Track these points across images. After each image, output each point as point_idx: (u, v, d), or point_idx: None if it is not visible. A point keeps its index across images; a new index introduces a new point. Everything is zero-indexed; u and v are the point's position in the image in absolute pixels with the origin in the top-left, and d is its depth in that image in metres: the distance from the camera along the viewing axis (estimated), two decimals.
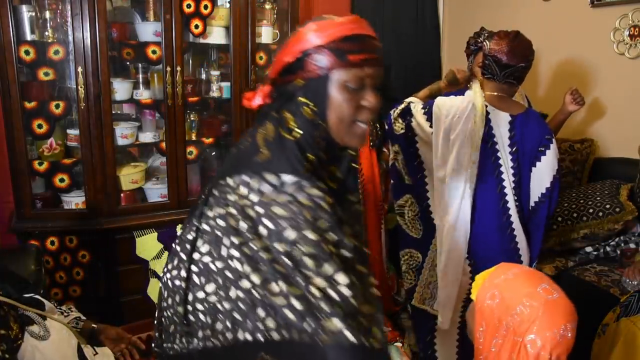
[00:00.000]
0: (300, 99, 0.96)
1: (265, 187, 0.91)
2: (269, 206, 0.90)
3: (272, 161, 0.94)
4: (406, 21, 3.52)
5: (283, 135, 0.96)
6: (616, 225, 2.33)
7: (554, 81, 3.05)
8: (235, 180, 0.95)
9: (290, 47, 0.97)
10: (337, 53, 0.92)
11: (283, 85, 0.99)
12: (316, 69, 0.93)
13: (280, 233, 0.88)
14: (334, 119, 0.96)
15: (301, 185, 0.91)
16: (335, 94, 0.94)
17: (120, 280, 2.51)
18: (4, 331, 1.27)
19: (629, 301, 1.47)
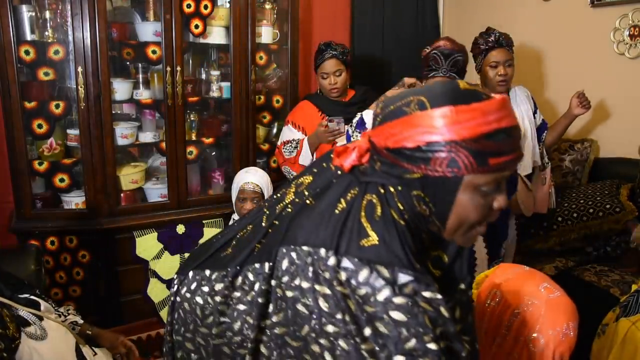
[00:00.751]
0: (417, 193, 0.80)
1: (379, 282, 0.76)
2: (385, 309, 0.76)
3: (382, 249, 0.78)
4: (406, 21, 3.52)
5: (393, 216, 0.81)
6: (616, 225, 2.33)
7: (554, 81, 3.05)
8: (331, 258, 0.79)
9: (413, 129, 0.77)
10: (476, 155, 0.74)
11: (392, 165, 0.81)
12: (445, 170, 0.76)
13: (401, 342, 0.75)
14: (454, 224, 0.81)
15: (418, 287, 0.77)
16: (465, 199, 0.78)
17: (120, 280, 2.51)
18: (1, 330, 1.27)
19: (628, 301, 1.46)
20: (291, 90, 2.86)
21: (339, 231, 0.81)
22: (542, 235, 2.50)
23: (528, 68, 3.19)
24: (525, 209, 2.35)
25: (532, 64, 3.16)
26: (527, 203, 2.35)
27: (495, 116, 0.75)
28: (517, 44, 3.24)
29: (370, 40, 3.42)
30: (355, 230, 0.80)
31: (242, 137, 2.71)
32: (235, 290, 0.95)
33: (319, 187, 0.92)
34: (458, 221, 0.80)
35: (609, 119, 2.81)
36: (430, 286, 0.78)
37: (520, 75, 3.24)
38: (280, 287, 0.86)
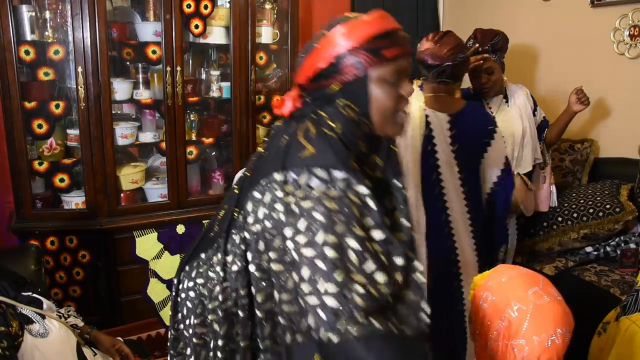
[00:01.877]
0: (341, 102, 0.98)
1: (314, 182, 0.92)
2: (319, 200, 0.90)
3: (318, 156, 0.94)
4: (406, 21, 3.52)
5: (325, 132, 0.97)
6: (616, 225, 2.33)
7: (554, 81, 3.05)
8: (281, 176, 0.95)
9: (322, 53, 0.97)
10: (372, 52, 0.94)
11: (316, 90, 1.00)
12: (353, 71, 0.95)
13: (332, 226, 0.88)
14: (377, 115, 0.98)
15: (350, 182, 0.92)
16: (376, 91, 0.97)
17: (120, 280, 2.51)
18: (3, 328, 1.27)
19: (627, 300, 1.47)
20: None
21: (283, 154, 0.97)
22: (542, 235, 2.51)
23: (528, 68, 3.19)
24: (526, 208, 2.35)
25: (532, 63, 3.16)
26: (528, 202, 2.35)
27: (379, 22, 0.97)
28: (517, 44, 3.24)
29: None
30: (295, 148, 0.96)
31: (242, 137, 2.71)
32: (227, 255, 1.05)
33: (270, 141, 1.08)
34: (379, 113, 0.98)
35: (609, 119, 2.81)
36: (361, 182, 0.93)
37: (521, 75, 3.24)
38: (250, 227, 0.99)
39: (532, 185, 2.37)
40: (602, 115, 2.84)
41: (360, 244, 0.89)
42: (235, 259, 1.03)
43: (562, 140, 2.88)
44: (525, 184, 2.32)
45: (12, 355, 1.27)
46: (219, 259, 1.06)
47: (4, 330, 1.27)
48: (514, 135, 2.32)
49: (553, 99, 3.06)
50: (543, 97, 3.12)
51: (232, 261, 1.04)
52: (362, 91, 0.96)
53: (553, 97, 3.06)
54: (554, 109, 3.06)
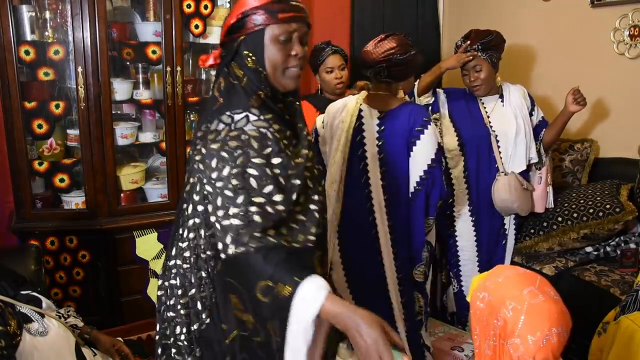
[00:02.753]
0: (244, 52, 1.16)
1: (220, 126, 1.12)
2: (224, 140, 1.09)
3: (225, 104, 1.15)
4: (406, 21, 3.52)
5: (232, 82, 1.17)
6: (616, 226, 2.33)
7: (554, 81, 3.05)
8: (202, 128, 1.15)
9: (233, 11, 1.18)
10: (269, 12, 1.13)
11: (229, 43, 1.19)
12: (254, 26, 1.14)
13: (234, 160, 1.07)
14: (269, 66, 1.16)
15: (248, 118, 1.12)
16: (269, 46, 1.15)
17: (120, 280, 2.51)
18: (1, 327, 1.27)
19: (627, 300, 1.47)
20: None
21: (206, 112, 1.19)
22: (542, 235, 2.50)
23: (528, 68, 3.19)
24: (520, 207, 2.34)
25: (532, 63, 3.16)
26: (522, 202, 2.33)
27: None
28: (517, 44, 3.24)
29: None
30: (212, 102, 1.18)
31: None
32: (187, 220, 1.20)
33: None
34: (271, 64, 1.16)
35: (609, 119, 2.81)
36: (261, 116, 1.13)
37: (521, 75, 3.24)
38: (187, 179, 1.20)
39: (528, 185, 2.36)
40: (602, 115, 2.84)
41: (258, 170, 1.07)
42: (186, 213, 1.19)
43: (562, 140, 2.88)
44: (520, 184, 2.31)
45: (10, 354, 1.27)
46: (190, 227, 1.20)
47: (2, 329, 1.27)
48: (507, 134, 2.34)
49: (553, 98, 3.06)
50: (543, 97, 3.12)
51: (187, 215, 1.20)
52: (259, 43, 1.15)
53: (553, 97, 3.06)
54: (554, 109, 3.06)
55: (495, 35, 2.33)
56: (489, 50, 2.30)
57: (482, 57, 2.30)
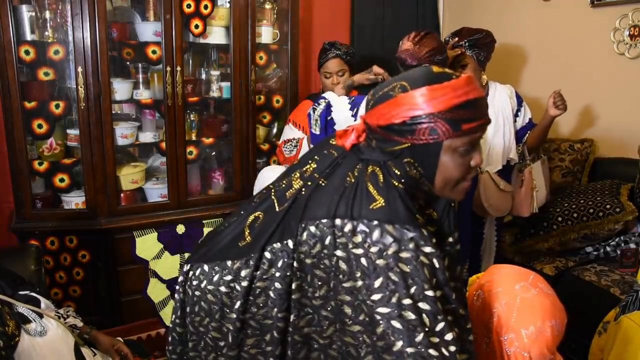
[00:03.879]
0: (407, 160, 0.97)
1: (387, 239, 0.92)
2: (396, 259, 0.92)
3: (388, 210, 0.94)
4: (406, 21, 3.52)
5: (392, 182, 0.97)
6: (616, 226, 2.33)
7: (554, 81, 3.05)
8: (349, 225, 0.95)
9: (399, 108, 0.94)
10: (451, 123, 0.91)
11: (384, 139, 0.98)
12: (429, 137, 0.93)
13: (407, 288, 0.91)
14: (441, 182, 0.98)
15: (418, 242, 0.93)
16: (446, 160, 0.95)
17: (120, 280, 2.51)
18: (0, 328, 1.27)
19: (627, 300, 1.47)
20: (291, 90, 2.86)
21: (352, 200, 0.97)
22: (542, 235, 2.50)
23: (528, 68, 3.19)
24: (492, 207, 2.28)
25: (532, 63, 3.16)
26: (495, 202, 2.28)
27: (464, 90, 0.92)
28: (517, 43, 3.24)
29: (370, 40, 3.43)
30: (365, 196, 0.96)
31: (242, 137, 2.71)
32: (257, 270, 1.06)
33: (327, 169, 1.06)
34: (443, 179, 0.97)
35: (609, 119, 2.81)
36: (429, 241, 0.94)
37: (520, 75, 3.24)
38: (300, 257, 1.00)
39: (506, 186, 2.32)
40: (602, 115, 2.84)
41: (432, 306, 0.91)
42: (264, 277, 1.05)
43: (562, 140, 2.88)
44: (494, 184, 2.28)
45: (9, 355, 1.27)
46: (247, 274, 1.07)
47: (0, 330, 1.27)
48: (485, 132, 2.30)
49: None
50: (542, 97, 3.12)
51: (258, 277, 1.06)
52: (432, 157, 0.95)
53: None
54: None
55: (485, 34, 2.32)
56: (476, 48, 2.29)
57: (468, 54, 2.29)
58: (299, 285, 1.01)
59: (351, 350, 0.97)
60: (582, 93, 2.90)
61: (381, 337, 0.92)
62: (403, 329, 0.90)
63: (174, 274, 2.59)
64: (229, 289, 1.10)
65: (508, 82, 2.52)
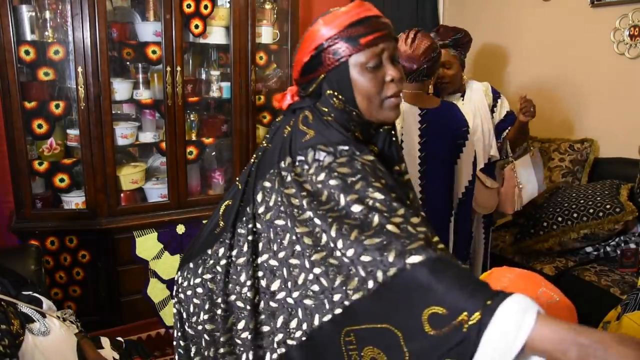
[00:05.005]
0: (328, 92, 1.00)
1: (321, 155, 0.93)
2: (331, 170, 0.91)
3: (320, 136, 0.96)
4: (406, 21, 3.52)
5: (322, 118, 1.00)
6: (616, 226, 2.33)
7: (554, 81, 3.05)
8: (288, 161, 0.96)
9: (305, 47, 1.01)
10: (349, 40, 0.96)
11: (307, 83, 1.03)
12: (334, 60, 0.97)
13: (350, 186, 0.88)
14: (363, 102, 0.99)
15: (354, 152, 0.93)
16: (358, 77, 0.97)
17: (120, 280, 2.51)
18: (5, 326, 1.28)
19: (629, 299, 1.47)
20: None
21: (289, 144, 0.99)
22: (542, 235, 2.50)
23: (527, 68, 3.19)
24: (479, 206, 2.27)
25: (532, 63, 3.16)
26: (481, 200, 2.26)
27: (356, 11, 0.98)
28: (517, 43, 3.24)
29: None
30: (298, 135, 0.99)
31: (242, 137, 2.71)
32: (232, 249, 1.04)
33: (270, 135, 1.09)
34: (363, 99, 0.99)
35: (609, 119, 2.81)
36: (365, 151, 0.95)
37: (520, 75, 3.24)
38: (260, 217, 0.99)
39: (492, 183, 2.31)
40: (602, 115, 2.84)
41: (383, 193, 0.87)
42: (241, 252, 1.02)
43: (562, 140, 2.89)
44: (481, 182, 2.27)
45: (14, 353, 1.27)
46: (224, 252, 1.06)
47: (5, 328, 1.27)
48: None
49: (553, 98, 3.06)
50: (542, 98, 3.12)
51: (237, 254, 1.04)
52: (344, 79, 0.98)
53: (553, 97, 3.06)
54: (553, 109, 3.07)
55: (464, 33, 2.32)
56: (459, 47, 2.28)
57: (452, 54, 2.28)
58: (264, 247, 0.97)
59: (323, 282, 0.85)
60: (582, 93, 2.90)
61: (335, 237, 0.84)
62: (356, 223, 0.84)
63: (174, 274, 2.57)
64: (212, 273, 1.08)
65: (508, 82, 2.53)
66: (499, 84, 3.32)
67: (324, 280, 0.86)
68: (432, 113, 1.85)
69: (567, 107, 3.00)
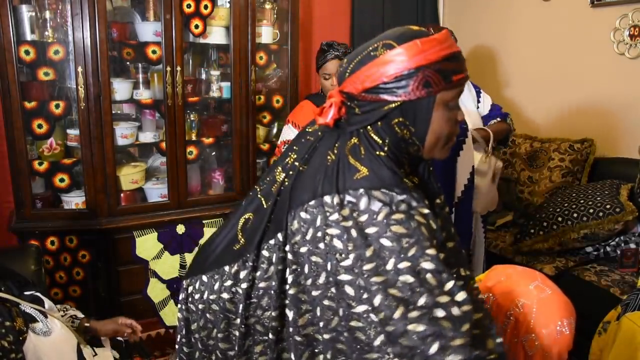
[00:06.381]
0: (397, 120, 0.93)
1: (376, 205, 0.87)
2: (386, 224, 0.86)
3: (374, 177, 0.90)
4: (406, 21, 3.52)
5: (374, 152, 0.93)
6: (616, 226, 2.33)
7: (554, 81, 3.05)
8: (336, 199, 0.90)
9: (388, 66, 0.91)
10: (443, 75, 0.90)
11: (370, 103, 0.94)
12: (420, 91, 0.90)
13: (403, 251, 0.85)
14: (432, 139, 0.95)
15: (411, 203, 0.89)
16: (438, 115, 0.93)
17: (120, 280, 2.51)
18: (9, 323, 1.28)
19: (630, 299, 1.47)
20: (291, 90, 2.85)
21: (335, 176, 0.92)
22: (542, 235, 2.50)
23: (527, 68, 3.19)
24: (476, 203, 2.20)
25: (532, 63, 3.16)
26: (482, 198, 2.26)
27: (448, 43, 0.92)
28: (517, 43, 3.24)
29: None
30: (347, 169, 0.92)
31: (242, 137, 2.71)
32: (256, 271, 1.02)
33: (305, 154, 1.02)
34: (434, 137, 0.95)
35: (609, 119, 2.81)
36: (421, 202, 0.90)
37: (520, 75, 3.24)
38: (294, 247, 0.95)
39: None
40: (602, 115, 2.84)
41: (437, 264, 0.84)
42: (265, 276, 1.00)
43: (562, 140, 2.89)
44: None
45: (18, 349, 1.28)
46: (246, 275, 1.03)
47: (10, 325, 1.28)
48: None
49: (552, 99, 3.06)
50: (541, 98, 3.12)
51: (260, 276, 1.01)
52: (424, 113, 0.92)
53: (553, 97, 3.06)
54: (552, 109, 3.07)
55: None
56: None
57: None
58: (295, 279, 0.94)
59: (359, 336, 0.86)
60: (582, 93, 2.90)
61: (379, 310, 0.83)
62: (402, 295, 0.83)
63: (174, 274, 2.59)
64: (231, 294, 1.05)
65: (508, 82, 2.52)
66: (498, 84, 3.32)
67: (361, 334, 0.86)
68: None
69: (567, 107, 2.99)
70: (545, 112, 3.13)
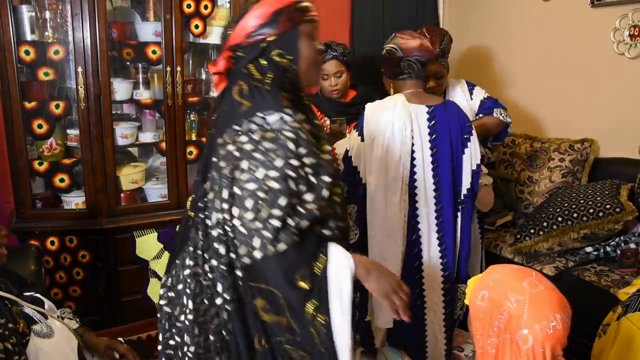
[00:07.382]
0: (274, 51, 1.16)
1: (252, 126, 1.10)
2: (258, 141, 1.09)
3: (254, 107, 1.13)
4: (406, 21, 3.52)
5: (255, 85, 1.16)
6: (616, 226, 2.33)
7: (554, 81, 3.05)
8: (225, 135, 1.13)
9: (262, 11, 1.16)
10: (300, 11, 1.18)
11: (252, 44, 1.17)
12: (288, 24, 1.16)
13: (271, 162, 1.07)
14: (305, 63, 1.20)
15: (283, 119, 1.11)
16: (304, 42, 1.19)
17: (120, 280, 2.51)
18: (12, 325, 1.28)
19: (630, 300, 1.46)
20: None
21: (228, 117, 1.16)
22: (542, 235, 2.50)
23: (527, 68, 3.19)
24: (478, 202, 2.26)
25: (532, 64, 3.16)
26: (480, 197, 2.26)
27: None
28: (517, 43, 3.24)
29: (370, 40, 3.42)
30: (235, 107, 1.15)
31: None
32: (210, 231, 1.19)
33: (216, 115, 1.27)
34: (306, 62, 1.20)
35: (609, 119, 2.81)
36: (293, 115, 1.12)
37: (520, 75, 3.24)
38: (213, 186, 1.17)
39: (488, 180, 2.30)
40: (602, 115, 2.84)
41: (295, 172, 1.08)
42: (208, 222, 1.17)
43: (562, 140, 2.89)
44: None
45: (21, 351, 1.28)
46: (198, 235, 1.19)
47: (13, 326, 1.28)
48: None
49: (553, 98, 3.06)
50: (541, 98, 3.12)
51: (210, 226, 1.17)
52: (294, 42, 1.17)
53: (553, 97, 3.06)
54: (552, 109, 3.07)
55: (448, 36, 2.29)
56: (447, 54, 2.25)
57: (442, 64, 2.24)
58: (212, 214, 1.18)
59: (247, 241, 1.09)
60: (582, 93, 2.90)
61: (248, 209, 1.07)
62: (266, 197, 1.06)
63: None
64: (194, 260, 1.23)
65: (508, 82, 2.53)
66: (498, 84, 3.32)
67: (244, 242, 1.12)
68: (439, 110, 1.86)
69: (567, 107, 2.99)
70: (545, 112, 3.13)
